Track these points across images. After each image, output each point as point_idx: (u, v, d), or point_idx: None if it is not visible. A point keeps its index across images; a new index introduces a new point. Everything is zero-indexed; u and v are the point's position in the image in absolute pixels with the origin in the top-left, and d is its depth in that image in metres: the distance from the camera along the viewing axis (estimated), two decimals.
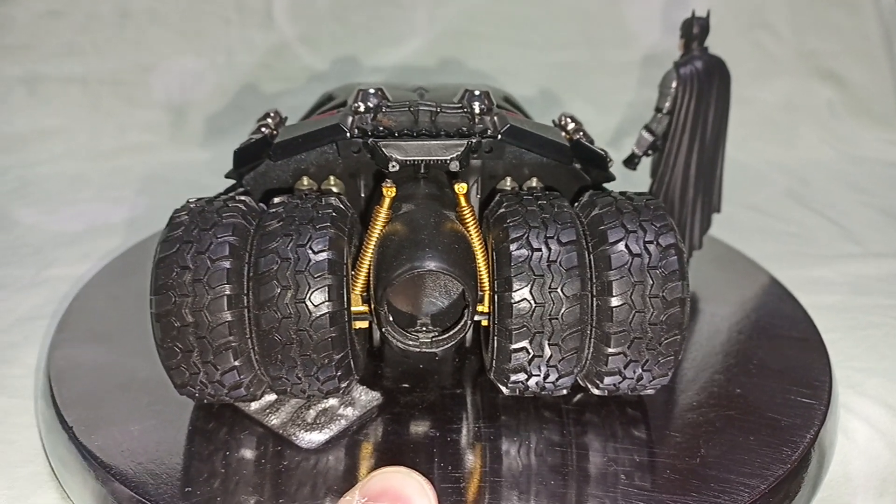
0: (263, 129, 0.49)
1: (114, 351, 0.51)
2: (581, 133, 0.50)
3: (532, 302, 0.38)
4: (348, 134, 0.44)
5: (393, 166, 0.43)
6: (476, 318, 0.41)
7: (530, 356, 0.39)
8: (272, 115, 0.53)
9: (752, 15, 1.05)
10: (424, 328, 0.41)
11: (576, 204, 0.44)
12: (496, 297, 0.39)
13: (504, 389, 0.43)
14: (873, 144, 1.05)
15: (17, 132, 0.96)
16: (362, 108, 0.47)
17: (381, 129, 0.44)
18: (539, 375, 0.40)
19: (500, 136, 0.45)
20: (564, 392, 0.43)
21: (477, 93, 0.48)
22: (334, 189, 0.48)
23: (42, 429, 0.47)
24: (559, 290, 0.38)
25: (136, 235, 0.76)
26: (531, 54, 1.04)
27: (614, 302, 0.39)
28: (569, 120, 0.53)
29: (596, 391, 0.43)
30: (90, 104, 0.98)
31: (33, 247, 0.76)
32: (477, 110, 0.47)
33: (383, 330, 0.39)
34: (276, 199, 0.42)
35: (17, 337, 0.60)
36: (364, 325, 0.42)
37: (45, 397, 0.46)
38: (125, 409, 0.44)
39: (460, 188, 0.41)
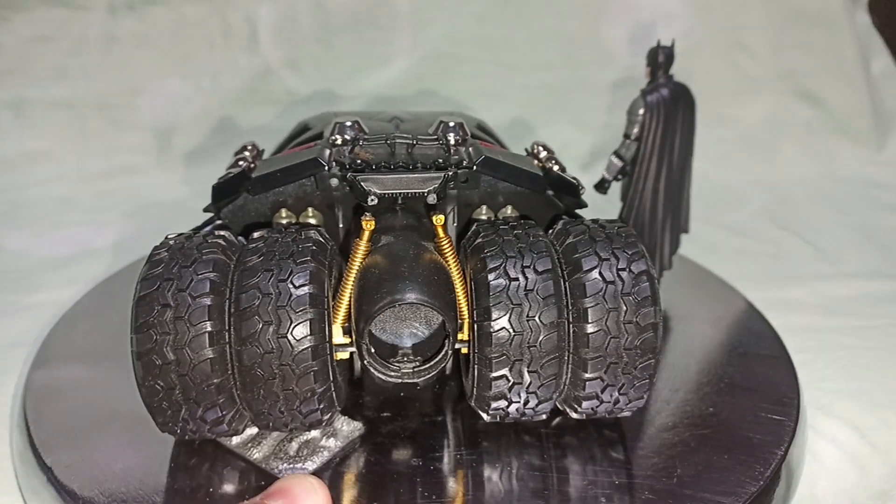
0: (241, 163, 0.50)
1: (93, 383, 0.50)
2: (553, 161, 0.52)
3: (511, 330, 0.39)
4: (326, 168, 0.45)
5: (372, 200, 0.43)
6: (456, 346, 0.41)
7: (510, 383, 0.40)
8: (249, 147, 0.53)
9: (731, 35, 1.06)
10: (406, 358, 0.41)
11: (550, 232, 0.45)
12: (476, 326, 0.40)
13: (485, 416, 0.43)
14: (851, 163, 1.06)
15: (5, 156, 0.95)
16: (339, 141, 0.47)
17: (359, 162, 0.45)
18: (519, 402, 0.41)
19: (475, 167, 0.46)
20: (544, 417, 0.44)
21: (452, 124, 0.49)
22: (312, 221, 0.48)
23: (17, 466, 0.46)
24: (537, 318, 0.39)
25: (122, 260, 0.76)
26: (513, 76, 1.05)
27: (590, 328, 0.40)
28: (541, 148, 0.54)
29: (574, 415, 0.44)
30: (77, 127, 0.98)
31: (20, 272, 0.76)
32: (452, 141, 0.48)
33: (365, 362, 0.40)
34: (256, 234, 0.43)
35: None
36: (345, 356, 0.42)
37: (21, 432, 0.46)
38: (105, 447, 0.44)
39: (438, 220, 0.42)
